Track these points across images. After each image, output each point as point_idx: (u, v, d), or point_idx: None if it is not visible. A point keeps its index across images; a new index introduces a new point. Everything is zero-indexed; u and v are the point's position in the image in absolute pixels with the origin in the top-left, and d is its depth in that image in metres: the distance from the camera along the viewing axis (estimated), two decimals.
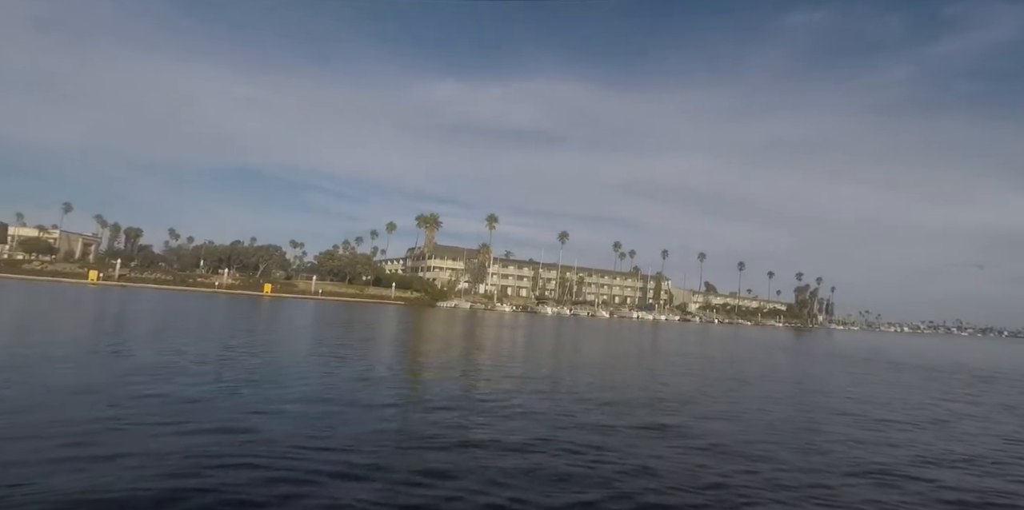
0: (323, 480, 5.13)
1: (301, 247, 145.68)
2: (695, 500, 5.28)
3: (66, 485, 4.57)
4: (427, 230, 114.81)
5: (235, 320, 28.11)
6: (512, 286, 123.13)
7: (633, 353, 25.19)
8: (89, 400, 7.70)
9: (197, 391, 8.78)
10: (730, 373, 17.71)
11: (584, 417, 8.82)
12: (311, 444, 6.26)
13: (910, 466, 7.04)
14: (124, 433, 6.22)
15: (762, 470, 6.40)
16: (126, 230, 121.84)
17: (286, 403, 8.41)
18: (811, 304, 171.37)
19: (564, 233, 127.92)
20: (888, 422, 10.22)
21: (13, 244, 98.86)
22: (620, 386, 13.13)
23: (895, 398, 13.68)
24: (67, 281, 73.27)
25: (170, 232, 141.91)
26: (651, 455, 6.73)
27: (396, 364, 15.11)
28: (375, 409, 8.54)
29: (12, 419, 6.50)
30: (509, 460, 6.14)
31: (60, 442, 5.71)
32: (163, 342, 15.56)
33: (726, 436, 8.03)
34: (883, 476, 6.49)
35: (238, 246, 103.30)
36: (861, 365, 24.63)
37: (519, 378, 13.10)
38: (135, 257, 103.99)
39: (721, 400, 11.59)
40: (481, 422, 8.04)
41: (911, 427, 9.86)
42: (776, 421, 9.60)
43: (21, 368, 9.99)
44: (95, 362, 11.33)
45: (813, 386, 15.74)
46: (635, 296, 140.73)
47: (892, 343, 61.58)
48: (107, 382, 9.08)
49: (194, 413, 7.32)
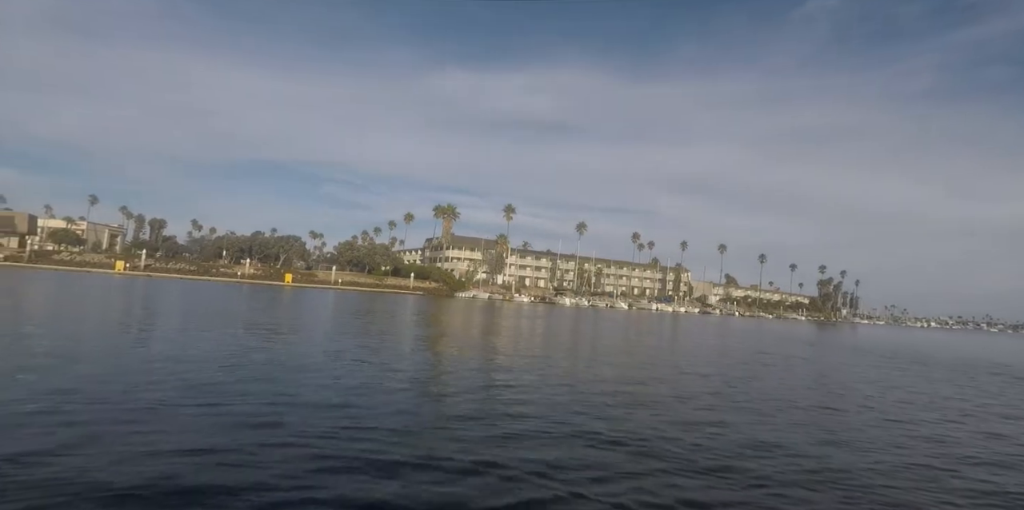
0: (358, 467, 5.08)
1: (321, 238, 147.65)
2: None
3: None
4: (444, 221, 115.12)
5: (260, 310, 28.41)
6: (530, 277, 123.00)
7: (657, 345, 24.91)
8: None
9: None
10: (772, 371, 17.37)
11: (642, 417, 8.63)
12: (343, 432, 6.21)
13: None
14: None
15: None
16: (151, 221, 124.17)
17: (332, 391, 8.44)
18: (835, 298, 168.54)
19: (582, 224, 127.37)
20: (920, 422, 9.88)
21: (43, 235, 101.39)
22: (646, 380, 12.92)
23: (922, 394, 13.27)
24: (95, 271, 74.94)
25: (193, 223, 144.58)
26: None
27: (421, 354, 15.08)
28: (401, 396, 8.49)
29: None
30: (540, 451, 6.00)
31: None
32: (214, 331, 15.75)
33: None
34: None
35: (259, 237, 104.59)
36: (890, 362, 24.04)
37: (548, 370, 12.97)
38: (160, 247, 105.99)
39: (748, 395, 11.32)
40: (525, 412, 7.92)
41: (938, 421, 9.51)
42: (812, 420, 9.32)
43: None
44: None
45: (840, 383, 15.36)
46: (654, 288, 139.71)
47: (920, 339, 60.22)
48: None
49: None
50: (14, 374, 7.80)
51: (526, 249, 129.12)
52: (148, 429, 5.63)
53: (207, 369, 9.18)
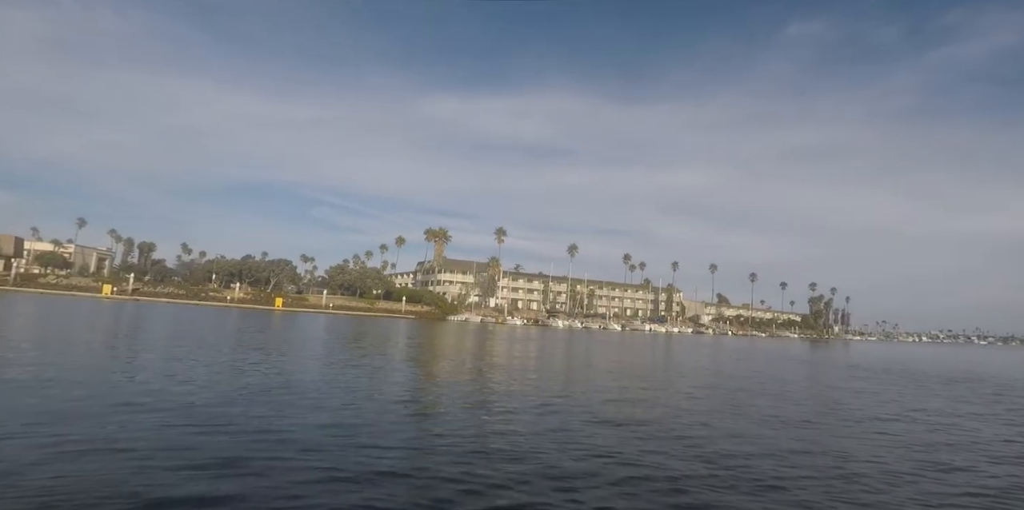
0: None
1: (312, 261, 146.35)
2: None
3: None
4: (436, 244, 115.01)
5: (251, 334, 27.94)
6: (522, 299, 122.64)
7: (653, 366, 24.71)
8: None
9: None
10: (766, 389, 17.23)
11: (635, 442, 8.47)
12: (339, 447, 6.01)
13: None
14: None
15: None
16: (139, 245, 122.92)
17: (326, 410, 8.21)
18: (826, 314, 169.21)
19: (573, 246, 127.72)
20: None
21: (29, 258, 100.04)
22: (649, 403, 12.76)
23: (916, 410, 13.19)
24: (82, 295, 73.85)
25: (182, 247, 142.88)
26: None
27: (413, 377, 14.82)
28: (398, 422, 8.28)
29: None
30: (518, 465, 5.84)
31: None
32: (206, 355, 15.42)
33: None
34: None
35: (249, 261, 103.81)
36: (885, 377, 23.98)
37: (543, 392, 12.77)
38: (148, 271, 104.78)
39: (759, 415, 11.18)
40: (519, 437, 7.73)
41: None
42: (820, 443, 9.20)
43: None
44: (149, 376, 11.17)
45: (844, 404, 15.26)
46: (646, 308, 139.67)
47: (912, 353, 60.28)
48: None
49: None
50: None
51: (518, 272, 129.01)
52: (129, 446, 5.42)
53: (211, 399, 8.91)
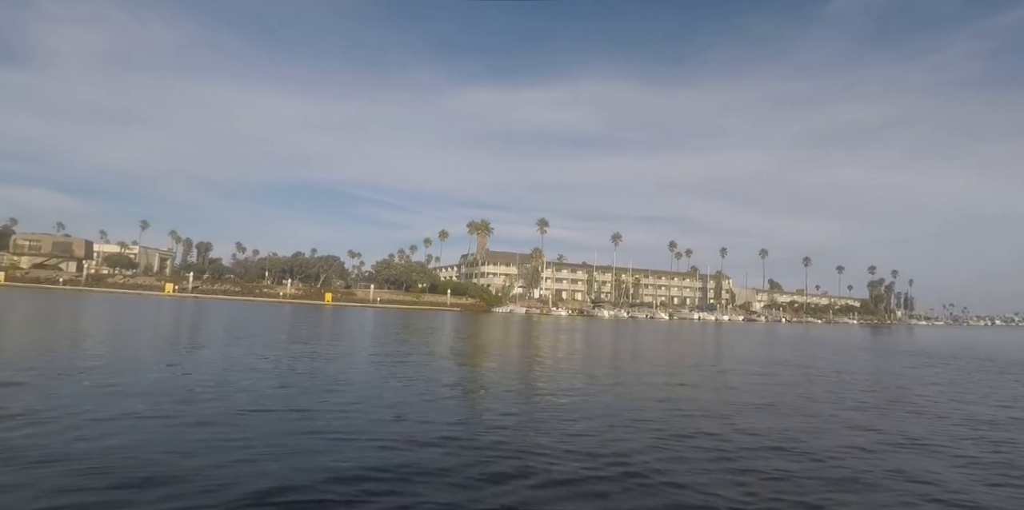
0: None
1: (359, 257, 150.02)
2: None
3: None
4: (478, 236, 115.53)
5: (311, 326, 28.55)
6: (567, 290, 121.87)
7: (711, 356, 23.83)
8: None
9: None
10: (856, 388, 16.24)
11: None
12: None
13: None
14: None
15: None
16: (197, 245, 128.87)
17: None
18: (887, 299, 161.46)
19: (617, 234, 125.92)
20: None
21: (99, 260, 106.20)
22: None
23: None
24: (147, 293, 77.87)
25: (237, 245, 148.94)
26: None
27: (462, 374, 14.62)
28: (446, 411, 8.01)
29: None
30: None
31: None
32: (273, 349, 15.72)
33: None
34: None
35: (300, 257, 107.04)
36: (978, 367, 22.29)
37: (602, 388, 12.33)
38: (206, 269, 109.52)
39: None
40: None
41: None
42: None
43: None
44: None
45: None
46: (694, 296, 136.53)
47: (990, 338, 56.22)
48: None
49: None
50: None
51: (561, 262, 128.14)
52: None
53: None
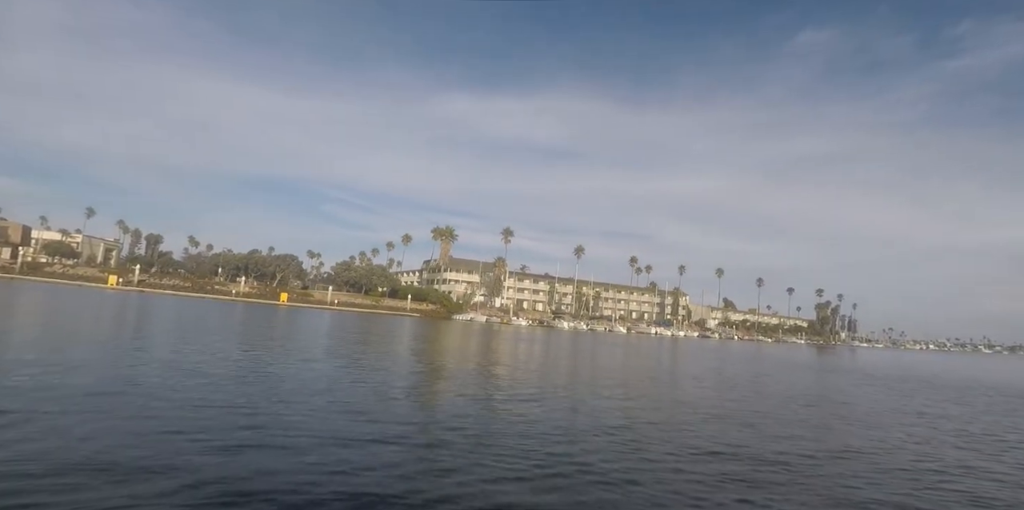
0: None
1: (318, 257, 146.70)
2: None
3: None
4: (442, 243, 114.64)
5: (261, 329, 27.56)
6: (528, 300, 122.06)
7: (669, 372, 24.14)
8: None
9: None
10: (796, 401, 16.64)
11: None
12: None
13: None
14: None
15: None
16: (147, 236, 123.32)
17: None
18: (833, 321, 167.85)
19: (580, 247, 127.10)
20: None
21: (37, 247, 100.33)
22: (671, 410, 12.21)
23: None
24: (87, 285, 73.82)
25: (189, 239, 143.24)
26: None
27: (417, 377, 14.33)
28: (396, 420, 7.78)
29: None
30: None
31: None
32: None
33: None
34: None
35: (256, 255, 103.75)
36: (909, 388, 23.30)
37: (557, 398, 12.26)
38: (155, 263, 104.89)
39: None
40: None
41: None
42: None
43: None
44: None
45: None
46: (652, 311, 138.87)
47: (922, 361, 59.20)
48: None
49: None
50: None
51: (524, 272, 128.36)
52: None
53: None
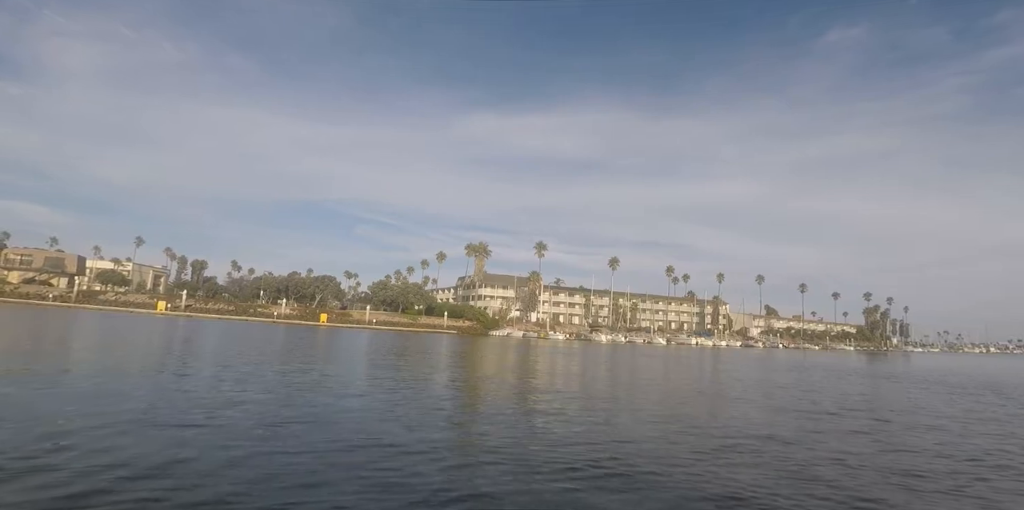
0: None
1: (355, 277, 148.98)
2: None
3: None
4: (476, 259, 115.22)
5: (307, 349, 27.96)
6: (564, 314, 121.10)
7: (752, 383, 23.34)
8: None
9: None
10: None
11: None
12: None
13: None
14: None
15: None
16: (192, 262, 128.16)
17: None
18: (883, 326, 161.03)
19: (615, 259, 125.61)
20: None
21: (91, 276, 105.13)
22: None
23: None
24: (138, 311, 76.59)
25: (232, 264, 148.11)
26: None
27: (462, 395, 14.15)
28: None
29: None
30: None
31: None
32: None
33: None
34: None
35: (295, 277, 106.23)
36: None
37: (610, 414, 11.88)
38: (200, 288, 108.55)
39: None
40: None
41: None
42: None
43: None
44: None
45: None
46: (691, 321, 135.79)
47: (988, 366, 55.61)
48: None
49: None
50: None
51: (559, 286, 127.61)
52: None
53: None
